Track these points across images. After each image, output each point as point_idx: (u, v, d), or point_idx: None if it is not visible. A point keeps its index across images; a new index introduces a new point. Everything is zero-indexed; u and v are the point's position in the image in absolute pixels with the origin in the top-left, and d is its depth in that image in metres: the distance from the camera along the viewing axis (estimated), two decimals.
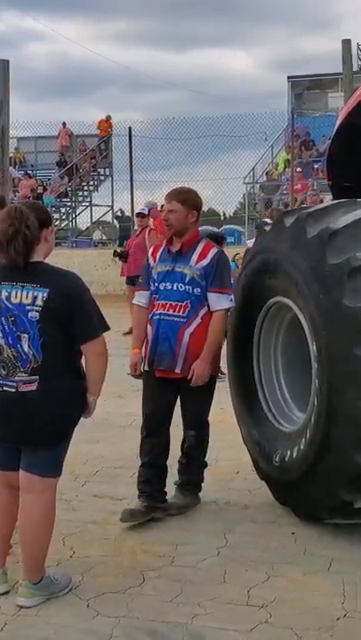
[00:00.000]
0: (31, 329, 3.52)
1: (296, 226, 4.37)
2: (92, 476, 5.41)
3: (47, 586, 3.66)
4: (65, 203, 25.95)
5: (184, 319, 4.58)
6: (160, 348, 4.62)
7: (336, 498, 4.08)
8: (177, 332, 4.58)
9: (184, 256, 4.65)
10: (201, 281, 4.59)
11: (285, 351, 4.95)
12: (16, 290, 3.54)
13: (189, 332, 4.59)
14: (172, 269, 4.65)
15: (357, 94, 5.59)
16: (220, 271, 4.62)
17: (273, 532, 4.41)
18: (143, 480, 4.70)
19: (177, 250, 4.68)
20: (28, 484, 3.62)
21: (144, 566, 3.98)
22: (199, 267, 4.60)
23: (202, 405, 4.75)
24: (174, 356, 4.59)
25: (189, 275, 4.60)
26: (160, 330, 4.62)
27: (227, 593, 3.69)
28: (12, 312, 3.54)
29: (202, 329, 4.60)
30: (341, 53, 14.40)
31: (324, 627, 3.38)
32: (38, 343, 3.52)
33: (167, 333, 4.60)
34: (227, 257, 4.83)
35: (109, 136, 25.69)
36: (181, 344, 4.58)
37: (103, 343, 3.64)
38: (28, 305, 3.52)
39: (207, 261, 4.61)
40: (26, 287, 3.54)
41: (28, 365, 3.53)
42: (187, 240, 4.67)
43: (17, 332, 3.54)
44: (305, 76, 31.35)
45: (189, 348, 4.58)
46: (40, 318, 3.51)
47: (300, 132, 23.84)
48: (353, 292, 3.92)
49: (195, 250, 4.65)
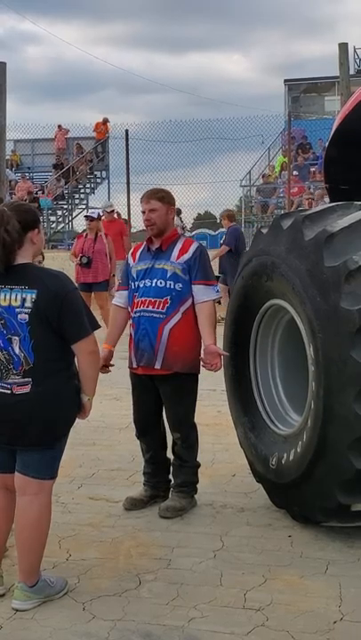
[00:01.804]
0: (21, 331, 3.52)
1: (293, 228, 4.37)
2: (89, 479, 5.40)
3: (43, 589, 3.65)
4: (61, 205, 25.97)
5: (163, 315, 4.64)
6: (141, 344, 4.70)
7: (332, 501, 4.07)
8: (156, 328, 4.64)
9: (165, 252, 4.73)
10: (184, 275, 4.66)
11: (282, 354, 4.95)
12: (4, 293, 3.54)
13: (169, 328, 4.64)
14: (152, 266, 4.73)
15: (354, 97, 5.59)
16: (202, 264, 4.70)
17: (269, 534, 4.41)
18: (146, 472, 4.94)
19: (157, 247, 4.76)
20: (23, 486, 3.61)
21: (140, 569, 3.97)
22: (181, 261, 4.68)
23: (182, 406, 4.77)
24: (154, 352, 4.65)
25: (170, 270, 4.67)
26: (140, 326, 4.70)
27: (223, 596, 3.69)
28: (2, 315, 3.54)
29: (182, 324, 4.65)
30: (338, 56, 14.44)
31: (321, 630, 3.38)
32: (29, 345, 3.52)
33: (147, 329, 4.67)
34: (207, 251, 4.90)
35: (106, 139, 25.71)
36: (161, 340, 4.64)
37: (94, 341, 3.65)
38: (17, 307, 3.52)
39: (189, 255, 4.69)
40: (14, 289, 3.54)
41: (20, 368, 3.53)
42: (167, 237, 4.76)
43: (7, 334, 3.54)
44: (302, 79, 31.42)
45: (169, 343, 4.63)
46: (30, 320, 3.51)
47: (296, 135, 23.88)
48: (350, 295, 3.92)
49: (175, 246, 4.74)
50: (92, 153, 26.24)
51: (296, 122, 24.63)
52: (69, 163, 25.87)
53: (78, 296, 3.67)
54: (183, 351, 4.65)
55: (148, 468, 4.93)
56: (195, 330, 4.69)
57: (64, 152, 26.91)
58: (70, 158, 26.35)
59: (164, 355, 4.64)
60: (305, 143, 24.10)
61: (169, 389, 4.72)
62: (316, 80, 30.03)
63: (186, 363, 4.67)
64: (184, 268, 4.66)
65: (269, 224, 4.86)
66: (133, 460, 5.54)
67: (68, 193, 25.85)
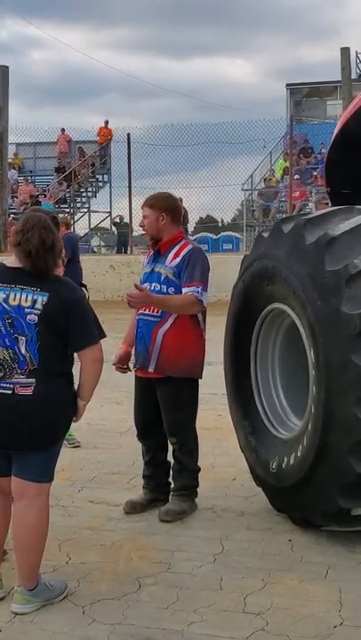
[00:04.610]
0: (29, 332, 3.54)
1: (294, 232, 4.37)
2: (89, 482, 5.39)
3: (42, 592, 3.64)
4: (63, 209, 25.94)
5: (158, 318, 4.66)
6: (138, 346, 4.74)
7: (333, 505, 4.07)
8: (151, 331, 4.67)
9: (162, 256, 4.76)
10: (176, 279, 4.67)
11: (283, 358, 4.94)
12: (15, 292, 3.56)
13: (163, 332, 4.65)
14: (152, 270, 4.77)
15: (356, 101, 5.59)
16: (190, 267, 4.66)
17: (269, 538, 4.40)
18: (146, 475, 4.93)
19: (157, 250, 4.80)
20: (21, 490, 3.60)
21: (140, 573, 3.97)
22: (173, 265, 4.69)
23: (178, 411, 4.74)
24: (148, 355, 4.67)
25: (164, 274, 4.70)
26: (138, 329, 4.74)
27: (223, 600, 3.68)
28: (10, 314, 3.56)
29: (176, 329, 4.64)
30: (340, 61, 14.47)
31: (321, 634, 3.37)
32: (35, 347, 3.54)
33: (143, 332, 4.71)
34: (201, 253, 4.82)
35: (108, 142, 25.73)
36: (155, 343, 4.65)
37: (100, 350, 3.68)
38: (27, 308, 3.55)
39: (179, 259, 4.69)
40: (25, 290, 3.56)
41: (24, 367, 3.55)
42: (167, 241, 4.76)
43: (14, 333, 3.55)
44: (304, 83, 31.43)
45: (163, 347, 4.64)
46: (38, 322, 3.54)
47: (298, 140, 23.89)
48: (351, 299, 3.92)
49: (172, 249, 4.74)
50: (94, 157, 26.25)
51: (298, 126, 24.60)
52: (71, 166, 25.89)
53: (87, 304, 3.71)
54: (176, 355, 4.64)
55: (147, 470, 4.93)
56: (189, 335, 4.68)
57: (66, 155, 26.94)
58: (72, 162, 26.36)
59: (157, 358, 4.65)
60: (307, 147, 24.09)
61: (164, 394, 4.72)
62: (318, 84, 30.05)
63: (180, 367, 4.65)
64: (175, 272, 4.66)
65: (270, 228, 4.86)
66: (134, 464, 5.53)
67: (70, 196, 25.86)
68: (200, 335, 4.76)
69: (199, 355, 4.76)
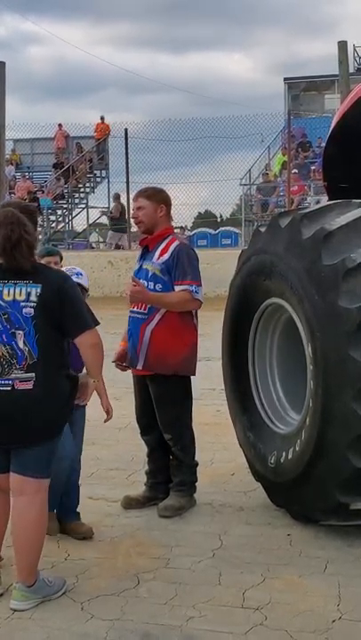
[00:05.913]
0: (26, 325, 3.55)
1: (291, 227, 4.36)
2: (88, 478, 5.38)
3: (41, 589, 3.64)
4: (61, 205, 25.93)
5: (145, 315, 4.65)
6: (128, 344, 4.75)
7: (332, 499, 4.07)
8: (139, 329, 4.66)
9: (151, 252, 4.74)
10: (163, 276, 4.63)
11: (280, 353, 4.94)
12: (8, 287, 3.57)
13: (150, 329, 4.63)
14: (141, 266, 4.76)
15: (352, 95, 5.58)
16: (181, 263, 4.63)
17: (268, 533, 4.40)
18: (147, 471, 4.94)
19: (146, 246, 4.79)
20: (20, 487, 3.60)
21: (139, 568, 3.97)
22: (160, 262, 4.66)
23: (171, 408, 4.73)
24: (136, 353, 4.67)
25: (151, 270, 4.67)
26: (128, 327, 4.75)
27: (222, 595, 3.68)
28: (5, 309, 3.56)
29: (164, 326, 4.62)
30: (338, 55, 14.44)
31: (320, 629, 3.37)
32: (34, 339, 3.55)
33: (132, 330, 4.71)
34: (188, 248, 4.81)
35: (106, 138, 25.67)
36: (143, 340, 4.64)
37: (97, 334, 3.70)
38: (22, 301, 3.55)
39: (167, 255, 4.66)
40: (18, 284, 3.57)
41: (23, 362, 3.54)
42: (155, 236, 4.74)
43: (11, 328, 3.56)
44: (302, 77, 31.42)
45: (150, 344, 4.63)
46: (35, 314, 3.55)
47: (296, 134, 23.85)
48: (348, 293, 3.91)
49: (160, 245, 4.71)
50: (91, 152, 26.20)
51: (296, 120, 24.59)
52: (69, 162, 25.83)
53: (78, 290, 3.74)
54: (164, 352, 4.62)
55: (148, 466, 4.94)
56: (177, 332, 4.65)
57: (64, 151, 26.88)
58: (70, 157, 26.31)
59: (145, 355, 4.64)
60: (305, 141, 24.05)
61: (156, 391, 4.71)
62: (315, 78, 29.99)
63: (168, 364, 4.63)
64: (162, 269, 4.63)
65: (268, 223, 4.85)
66: (133, 460, 5.53)
67: (68, 192, 25.80)
68: (190, 332, 4.73)
69: (188, 351, 4.71)
